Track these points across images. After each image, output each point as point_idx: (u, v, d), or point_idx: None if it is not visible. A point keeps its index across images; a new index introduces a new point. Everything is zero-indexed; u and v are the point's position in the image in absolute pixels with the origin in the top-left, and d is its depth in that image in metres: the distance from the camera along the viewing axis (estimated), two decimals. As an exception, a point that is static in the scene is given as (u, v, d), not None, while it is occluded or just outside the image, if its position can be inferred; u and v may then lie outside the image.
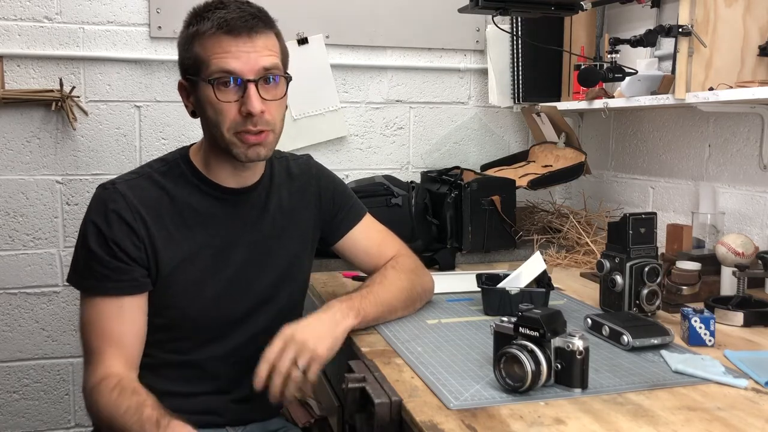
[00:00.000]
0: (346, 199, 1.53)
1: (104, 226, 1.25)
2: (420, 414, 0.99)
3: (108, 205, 1.26)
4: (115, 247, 1.24)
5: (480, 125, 2.51)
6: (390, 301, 1.41)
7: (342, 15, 2.32)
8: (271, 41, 1.27)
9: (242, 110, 1.23)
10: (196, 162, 1.35)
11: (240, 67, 1.22)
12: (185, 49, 1.27)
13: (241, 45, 1.22)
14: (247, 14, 1.24)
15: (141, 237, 1.26)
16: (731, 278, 1.51)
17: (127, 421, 1.15)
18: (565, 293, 1.68)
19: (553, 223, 2.28)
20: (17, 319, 2.17)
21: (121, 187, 1.28)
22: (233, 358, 1.36)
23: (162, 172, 1.33)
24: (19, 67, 2.09)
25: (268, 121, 1.26)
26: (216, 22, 1.22)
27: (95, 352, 1.24)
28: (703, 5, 1.63)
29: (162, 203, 1.30)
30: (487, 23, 2.39)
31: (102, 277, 1.24)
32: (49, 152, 2.14)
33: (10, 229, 2.14)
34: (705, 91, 1.64)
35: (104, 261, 1.24)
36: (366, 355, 1.25)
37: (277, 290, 1.40)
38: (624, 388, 1.08)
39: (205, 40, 1.23)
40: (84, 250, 1.26)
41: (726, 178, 1.89)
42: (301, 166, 1.49)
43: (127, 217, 1.25)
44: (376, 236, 1.54)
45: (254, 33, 1.23)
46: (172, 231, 1.30)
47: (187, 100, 1.32)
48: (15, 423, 2.21)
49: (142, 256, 1.26)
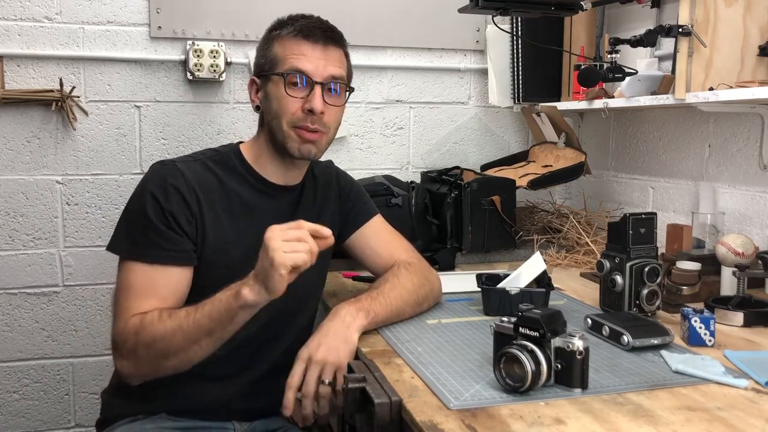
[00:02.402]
0: (360, 196, 1.62)
1: (162, 198, 1.32)
2: (420, 414, 0.99)
3: (167, 179, 1.34)
4: (171, 218, 1.32)
5: (480, 125, 2.51)
6: (399, 303, 1.42)
7: (342, 15, 2.30)
8: (341, 56, 1.43)
9: (305, 107, 1.36)
10: (247, 156, 1.45)
11: (311, 69, 1.36)
12: (264, 49, 1.42)
13: (317, 51, 1.38)
14: (326, 27, 1.41)
15: (194, 213, 1.34)
16: (731, 278, 1.51)
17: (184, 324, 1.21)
18: (565, 293, 1.68)
19: (553, 223, 2.28)
20: (17, 319, 2.17)
21: (180, 165, 1.38)
22: (248, 343, 1.39)
23: (215, 161, 1.43)
24: (19, 67, 2.09)
25: (325, 123, 1.39)
26: (298, 27, 1.38)
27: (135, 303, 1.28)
28: (703, 5, 1.63)
29: (213, 187, 1.39)
30: (487, 23, 2.39)
31: (155, 245, 1.30)
32: (49, 152, 2.14)
33: (10, 229, 2.14)
34: (705, 91, 1.64)
35: (159, 229, 1.31)
36: (366, 355, 1.25)
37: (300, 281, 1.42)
38: (624, 388, 1.08)
39: (285, 40, 1.39)
40: (139, 217, 1.32)
41: (726, 178, 1.89)
42: (323, 168, 1.59)
43: (184, 193, 1.34)
44: (386, 236, 1.59)
45: (329, 43, 1.39)
46: (219, 214, 1.38)
47: (255, 95, 1.45)
48: (15, 423, 2.21)
49: (193, 231, 1.34)
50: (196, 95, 2.23)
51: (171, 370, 1.27)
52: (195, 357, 1.25)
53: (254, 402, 1.43)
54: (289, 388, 1.23)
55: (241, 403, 1.41)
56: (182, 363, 1.26)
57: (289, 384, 1.23)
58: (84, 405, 2.25)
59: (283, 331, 1.45)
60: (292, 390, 1.23)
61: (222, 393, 1.39)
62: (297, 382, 1.23)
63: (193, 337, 1.22)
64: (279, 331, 1.44)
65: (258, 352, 1.42)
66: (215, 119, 2.25)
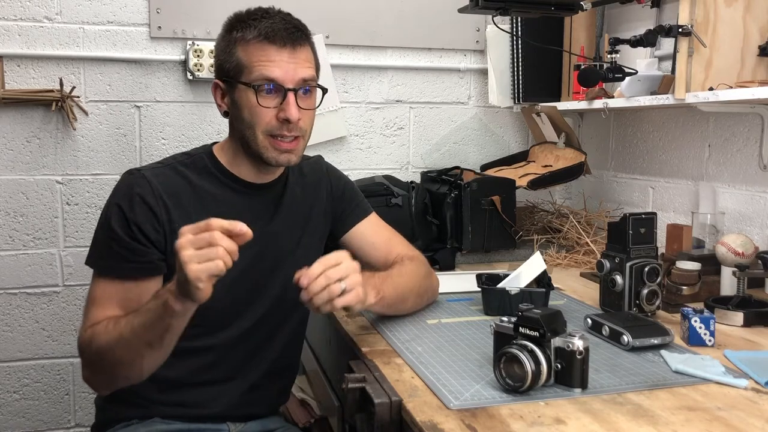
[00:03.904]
0: (354, 194, 1.59)
1: (127, 209, 1.29)
2: (420, 414, 0.99)
3: (133, 188, 1.31)
4: (135, 228, 1.29)
5: (480, 125, 2.51)
6: (404, 291, 1.42)
7: (342, 15, 2.32)
8: (309, 54, 1.35)
9: (280, 116, 1.30)
10: (220, 158, 1.40)
11: (282, 75, 1.29)
12: (226, 53, 1.33)
13: (285, 56, 1.30)
14: (291, 26, 1.32)
15: (161, 221, 1.31)
16: (731, 278, 1.51)
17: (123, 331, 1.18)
18: (565, 293, 1.68)
19: (553, 223, 2.28)
20: (17, 319, 2.17)
21: (147, 173, 1.33)
22: (240, 346, 1.39)
23: (185, 164, 1.38)
24: (19, 67, 2.09)
25: (302, 128, 1.34)
26: (263, 31, 1.29)
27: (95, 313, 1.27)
28: (703, 5, 1.63)
29: (184, 191, 1.35)
30: (487, 23, 2.39)
31: (119, 257, 1.28)
32: (49, 152, 2.14)
33: (10, 229, 2.14)
34: (705, 91, 1.64)
35: (123, 242, 1.28)
36: (366, 355, 1.25)
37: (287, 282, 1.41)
38: (624, 388, 1.08)
39: (249, 45, 1.30)
40: (105, 230, 1.31)
41: (726, 178, 1.89)
42: (313, 165, 1.55)
43: (150, 201, 1.30)
44: (384, 232, 1.58)
45: (297, 45, 1.32)
46: (192, 218, 1.33)
47: (221, 100, 1.38)
48: (15, 423, 2.21)
49: (161, 240, 1.30)
50: (196, 95, 2.23)
51: (125, 381, 1.25)
52: (144, 369, 1.21)
53: (249, 406, 1.41)
54: (320, 263, 1.17)
55: (236, 406, 1.40)
56: (133, 374, 1.23)
57: (322, 261, 1.18)
58: (84, 405, 2.25)
59: (276, 334, 1.44)
60: (321, 266, 1.17)
61: (216, 397, 1.38)
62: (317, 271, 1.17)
63: (135, 348, 1.18)
64: (271, 334, 1.43)
65: (251, 356, 1.41)
66: (215, 119, 2.25)
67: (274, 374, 1.44)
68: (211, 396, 1.37)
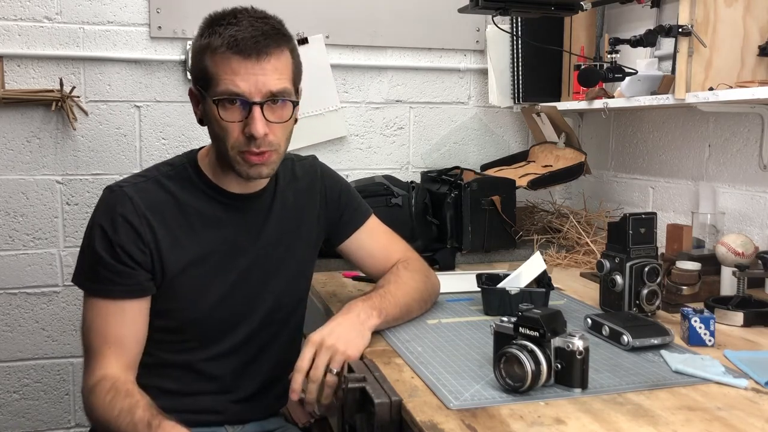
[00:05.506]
0: (351, 199, 1.53)
1: (110, 230, 1.25)
2: (420, 414, 0.99)
3: (116, 208, 1.26)
4: (120, 251, 1.24)
5: (480, 125, 2.51)
6: (407, 302, 1.40)
7: (342, 15, 2.32)
8: (281, 62, 1.24)
9: (245, 131, 1.22)
10: (204, 167, 1.34)
11: (247, 89, 1.20)
12: (196, 59, 1.26)
13: (249, 67, 1.20)
14: (259, 33, 1.21)
15: (146, 242, 1.26)
16: (731, 278, 1.51)
17: (120, 423, 1.16)
18: (565, 293, 1.68)
19: (553, 223, 2.28)
20: (17, 319, 2.17)
21: (128, 190, 1.28)
22: (235, 358, 1.37)
23: (169, 176, 1.32)
24: (19, 67, 2.09)
25: (272, 143, 1.25)
26: (227, 40, 1.20)
27: (94, 354, 1.25)
28: (703, 5, 1.63)
29: (168, 207, 1.30)
30: (487, 23, 2.39)
31: (106, 280, 1.24)
32: (49, 152, 2.14)
33: (10, 229, 2.14)
34: (705, 91, 1.64)
35: (109, 265, 1.24)
36: (366, 355, 1.25)
37: (281, 292, 1.41)
38: (624, 388, 1.08)
39: (215, 56, 1.21)
40: (90, 252, 1.26)
41: (726, 178, 1.89)
42: (306, 167, 1.49)
43: (134, 222, 1.25)
44: (381, 238, 1.54)
45: (264, 55, 1.21)
46: (178, 235, 1.30)
47: (196, 107, 1.31)
48: (15, 423, 2.21)
49: (147, 260, 1.26)
50: (196, 95, 2.23)
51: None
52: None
53: (246, 413, 1.40)
54: (298, 371, 1.19)
55: (234, 413, 1.38)
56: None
57: (298, 367, 1.19)
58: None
59: (271, 346, 1.41)
60: (300, 373, 1.19)
61: (212, 406, 1.36)
62: (306, 365, 1.19)
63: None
64: (266, 346, 1.40)
65: (246, 368, 1.39)
66: (215, 119, 2.25)
67: (271, 383, 1.42)
68: (206, 405, 1.36)
